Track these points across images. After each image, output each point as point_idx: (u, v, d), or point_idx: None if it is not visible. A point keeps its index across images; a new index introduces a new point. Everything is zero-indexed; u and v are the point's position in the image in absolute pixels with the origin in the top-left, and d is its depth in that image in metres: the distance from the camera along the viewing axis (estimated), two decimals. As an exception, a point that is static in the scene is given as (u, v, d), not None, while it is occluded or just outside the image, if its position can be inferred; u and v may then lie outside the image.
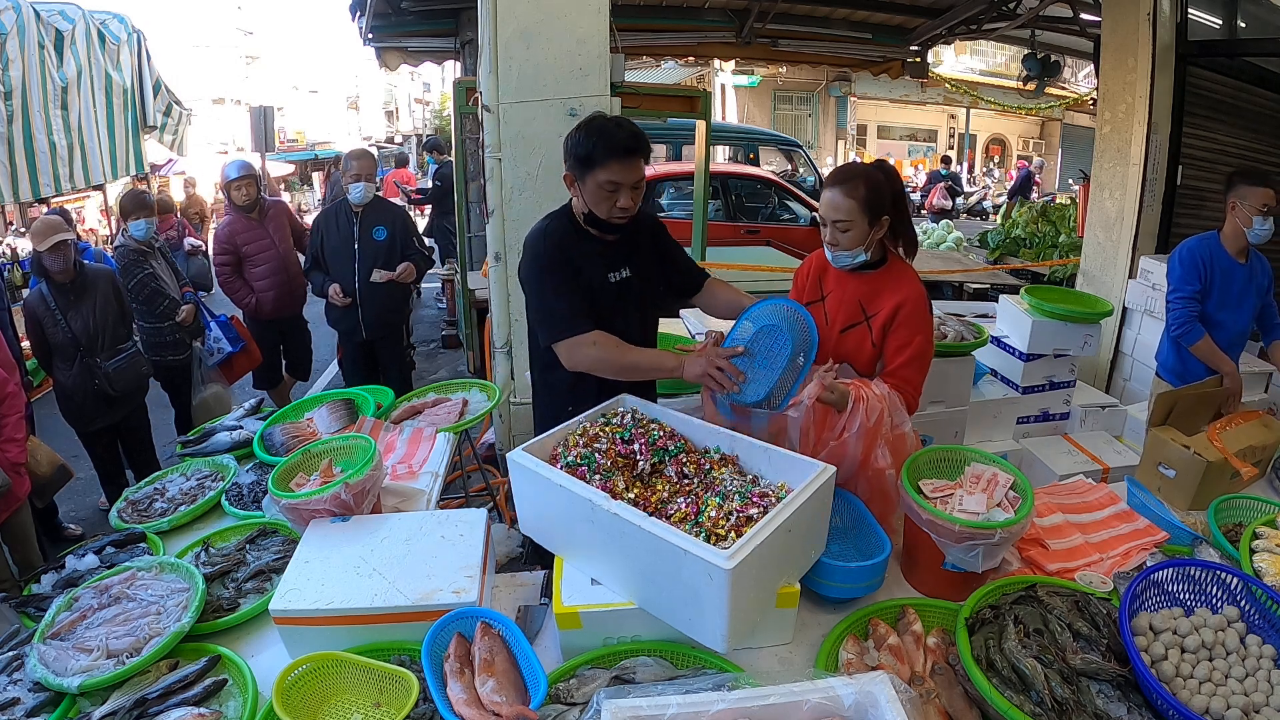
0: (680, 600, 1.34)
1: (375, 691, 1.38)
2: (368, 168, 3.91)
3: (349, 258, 3.85)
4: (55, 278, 3.29)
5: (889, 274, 1.93)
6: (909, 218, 1.97)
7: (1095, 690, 1.26)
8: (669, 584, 1.34)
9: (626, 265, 2.02)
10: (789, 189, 8.14)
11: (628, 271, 2.02)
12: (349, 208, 3.88)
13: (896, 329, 1.88)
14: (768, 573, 1.38)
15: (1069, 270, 6.27)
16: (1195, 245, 2.84)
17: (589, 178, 1.85)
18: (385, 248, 3.87)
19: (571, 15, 2.96)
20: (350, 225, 3.86)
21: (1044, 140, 23.07)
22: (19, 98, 4.32)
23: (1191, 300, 2.79)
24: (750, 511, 1.41)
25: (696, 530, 1.41)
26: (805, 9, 6.75)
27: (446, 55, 9.04)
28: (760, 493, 1.49)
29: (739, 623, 1.30)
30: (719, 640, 1.31)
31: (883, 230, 1.88)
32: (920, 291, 1.89)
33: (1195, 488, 2.09)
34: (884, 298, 1.90)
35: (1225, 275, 2.79)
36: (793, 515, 1.38)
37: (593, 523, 1.43)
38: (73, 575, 1.83)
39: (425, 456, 2.36)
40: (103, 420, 3.49)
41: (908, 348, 1.87)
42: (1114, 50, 4.28)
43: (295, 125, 25.07)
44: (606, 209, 1.88)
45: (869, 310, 1.93)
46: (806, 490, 1.44)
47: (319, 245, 3.92)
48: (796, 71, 19.83)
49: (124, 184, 7.79)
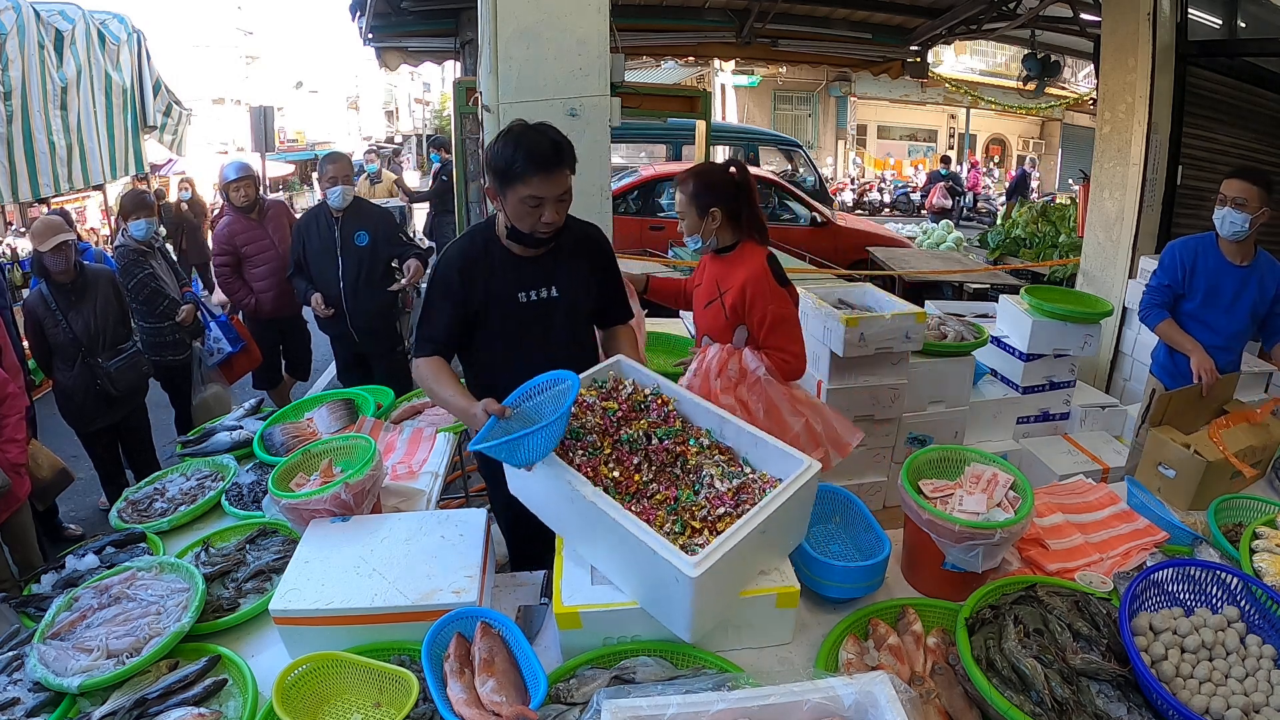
0: (650, 587, 1.38)
1: (375, 691, 1.38)
2: (343, 170, 3.78)
3: (332, 265, 3.75)
4: (56, 278, 3.29)
5: (738, 257, 2.21)
6: (756, 209, 2.23)
7: (1095, 690, 1.26)
8: (640, 572, 1.38)
9: (551, 283, 1.91)
10: (789, 189, 8.15)
11: (551, 290, 1.91)
12: (329, 212, 3.76)
13: (750, 307, 2.14)
14: (737, 572, 1.40)
15: (1069, 270, 6.27)
16: (1183, 243, 2.83)
17: (510, 192, 1.74)
18: (368, 253, 3.77)
19: (571, 15, 2.96)
20: (331, 230, 3.75)
21: (1044, 140, 23.06)
22: (19, 98, 4.32)
23: (1159, 290, 2.81)
24: (720, 510, 1.42)
25: (673, 518, 1.42)
26: (805, 9, 6.75)
27: (446, 55, 9.04)
28: (742, 484, 1.48)
29: (704, 616, 1.36)
30: (684, 631, 1.36)
31: (716, 221, 2.17)
32: (762, 269, 2.14)
33: (1195, 488, 2.09)
34: (733, 277, 2.17)
35: (1212, 276, 2.73)
36: (769, 518, 1.37)
37: (572, 503, 1.45)
38: (73, 575, 1.83)
39: (425, 456, 2.36)
40: (103, 420, 3.49)
41: (765, 319, 2.14)
42: (1114, 50, 4.28)
43: (295, 125, 25.09)
44: (530, 224, 1.77)
45: (722, 288, 2.21)
46: (787, 490, 1.43)
47: (301, 251, 3.83)
48: (796, 71, 19.82)
49: (124, 184, 7.80)
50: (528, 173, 1.70)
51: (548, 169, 1.72)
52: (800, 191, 8.25)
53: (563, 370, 1.57)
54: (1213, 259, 2.74)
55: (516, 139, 1.72)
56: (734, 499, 1.45)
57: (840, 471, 2.92)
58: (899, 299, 3.04)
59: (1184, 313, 2.79)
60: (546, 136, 1.73)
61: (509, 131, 1.75)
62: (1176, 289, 2.78)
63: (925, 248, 8.81)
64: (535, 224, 1.78)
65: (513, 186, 1.73)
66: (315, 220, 3.83)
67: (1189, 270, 2.75)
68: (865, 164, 21.44)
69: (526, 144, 1.71)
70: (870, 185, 17.99)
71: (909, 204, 16.86)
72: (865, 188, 17.81)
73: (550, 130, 1.76)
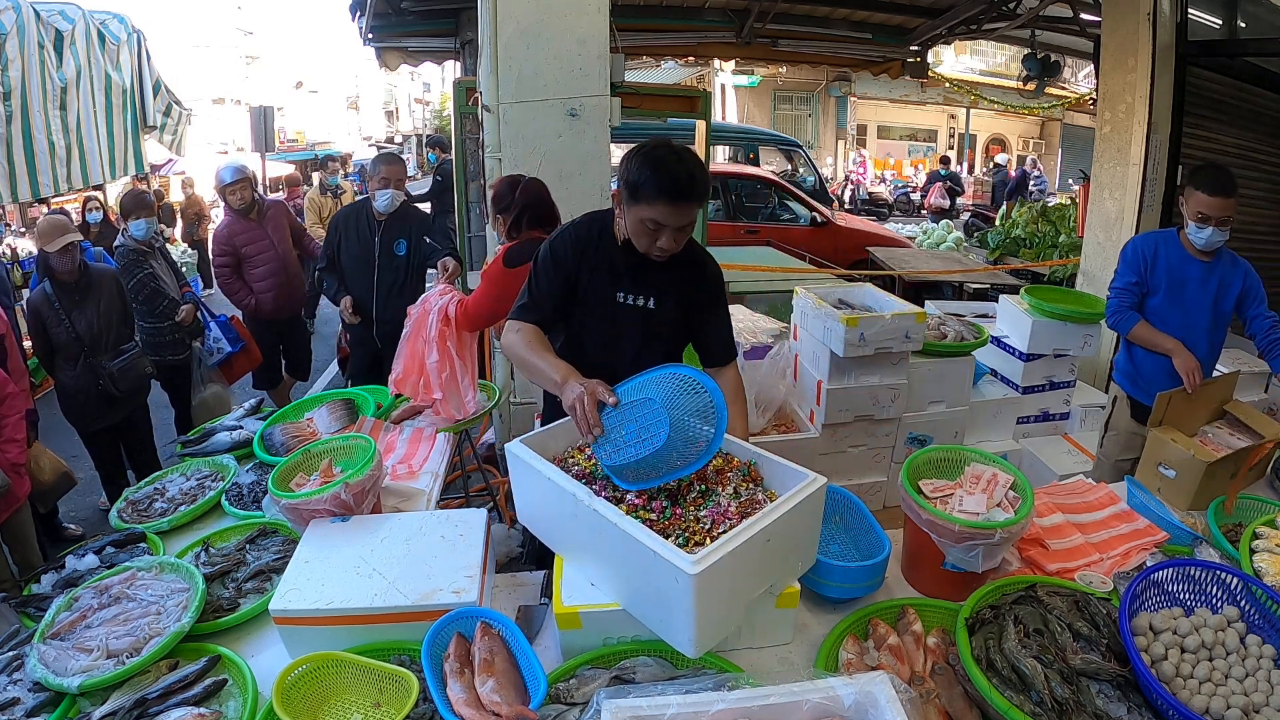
0: (652, 601, 1.34)
1: (375, 691, 1.38)
2: (397, 174, 3.64)
3: (368, 272, 3.67)
4: (60, 277, 3.29)
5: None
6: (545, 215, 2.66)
7: (1095, 690, 1.26)
8: (642, 584, 1.34)
9: (651, 295, 1.87)
10: (789, 189, 8.15)
11: (649, 302, 1.87)
12: (371, 214, 3.65)
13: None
14: (741, 581, 1.34)
15: (1069, 270, 6.27)
16: (1144, 238, 2.75)
17: (633, 208, 1.70)
18: (404, 263, 3.68)
19: (571, 15, 2.97)
20: (371, 235, 3.65)
21: (1044, 140, 23.06)
22: (18, 98, 4.30)
23: (1125, 291, 2.69)
24: (725, 526, 1.37)
25: (679, 532, 1.38)
26: (805, 9, 6.76)
27: (446, 55, 9.04)
28: (748, 500, 1.45)
29: (707, 628, 1.29)
30: (687, 644, 1.29)
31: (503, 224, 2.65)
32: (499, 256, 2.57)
33: (1195, 488, 2.09)
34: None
35: (1174, 271, 2.63)
36: (773, 524, 1.34)
37: (576, 518, 1.43)
38: (73, 575, 1.83)
39: (425, 456, 2.36)
40: (104, 420, 3.49)
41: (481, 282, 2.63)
42: (1114, 50, 4.28)
43: (295, 125, 25.12)
44: (645, 244, 1.74)
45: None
46: (790, 500, 1.40)
47: (336, 246, 3.74)
48: (796, 71, 19.82)
49: (124, 184, 7.79)
50: (655, 198, 1.65)
51: (675, 200, 1.66)
52: (800, 191, 8.25)
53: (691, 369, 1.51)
54: (1174, 253, 2.65)
55: (656, 162, 1.65)
56: (740, 515, 1.40)
57: (840, 471, 2.93)
58: (899, 299, 3.03)
59: (1149, 309, 2.69)
60: (685, 166, 1.66)
61: (648, 150, 1.68)
62: (1143, 286, 2.67)
63: (925, 248, 8.81)
64: (650, 246, 1.74)
65: (636, 204, 1.69)
66: (356, 219, 3.71)
67: (1149, 264, 2.66)
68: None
69: (662, 169, 1.64)
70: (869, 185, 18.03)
71: (909, 204, 16.88)
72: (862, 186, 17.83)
73: (691, 160, 1.69)
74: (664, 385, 1.50)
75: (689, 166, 1.67)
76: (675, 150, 1.69)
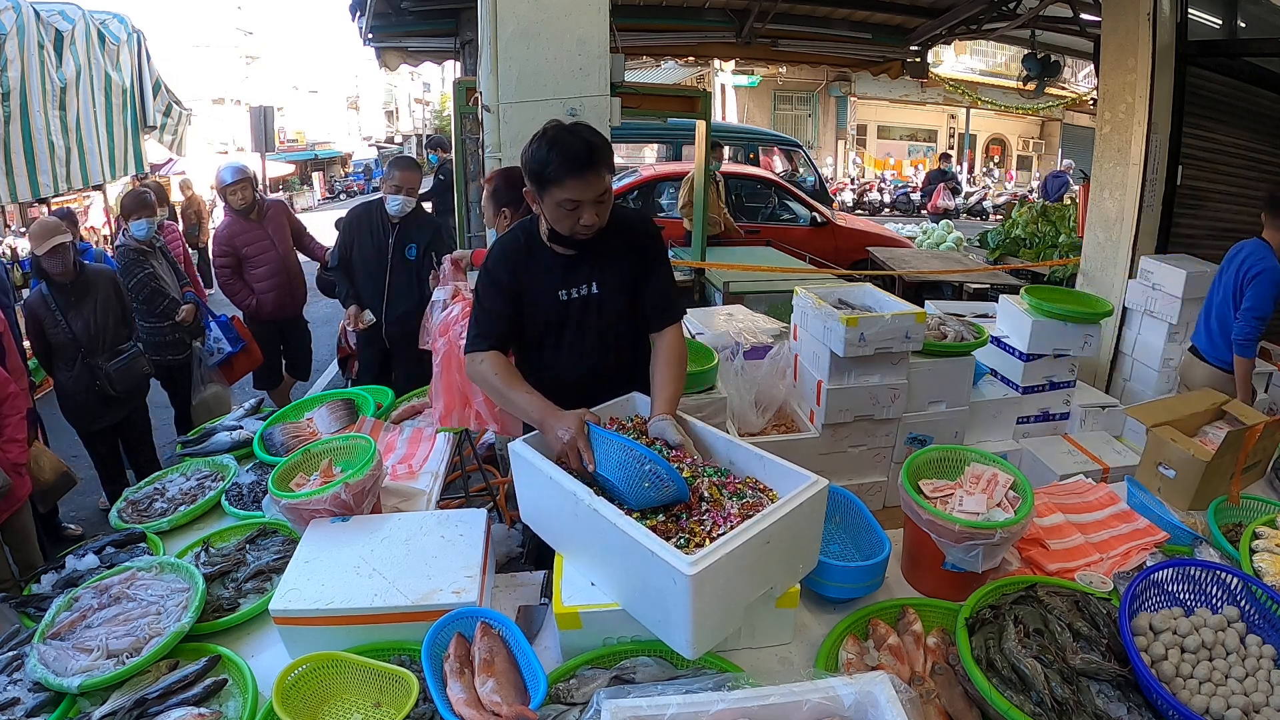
0: (650, 602, 1.34)
1: (375, 691, 1.38)
2: (410, 181, 3.62)
3: (379, 275, 3.65)
4: (55, 279, 3.29)
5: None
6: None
7: (1095, 690, 1.26)
8: (641, 584, 1.34)
9: (592, 280, 1.87)
10: (789, 189, 8.15)
11: (592, 287, 1.87)
12: (385, 217, 3.62)
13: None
14: (740, 582, 1.34)
15: (1069, 270, 6.26)
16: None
17: (546, 195, 1.71)
18: (415, 267, 3.66)
19: (571, 15, 2.97)
20: (385, 238, 3.62)
21: (1044, 140, 23.07)
22: (18, 98, 4.31)
23: (1265, 323, 2.95)
24: (725, 528, 1.36)
25: (679, 534, 1.37)
26: (805, 9, 6.76)
27: (446, 55, 9.05)
28: (748, 503, 1.45)
29: (704, 629, 1.28)
30: (684, 645, 1.29)
31: (506, 220, 2.51)
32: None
33: (1195, 488, 2.08)
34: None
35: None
36: (772, 526, 1.33)
37: (576, 517, 1.44)
38: (73, 575, 1.83)
39: (425, 456, 2.36)
40: (104, 420, 3.49)
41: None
42: (1114, 50, 4.28)
43: (295, 125, 25.12)
44: (568, 226, 1.74)
45: None
46: (790, 503, 1.39)
47: (348, 247, 3.72)
48: (796, 71, 19.83)
49: (124, 184, 7.79)
50: (563, 176, 1.66)
51: (582, 171, 1.66)
52: (800, 191, 8.25)
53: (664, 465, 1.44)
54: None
55: (551, 141, 1.67)
56: (741, 518, 1.40)
57: (840, 471, 2.93)
58: (899, 299, 3.03)
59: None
60: (580, 137, 1.68)
61: (543, 133, 1.70)
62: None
63: (925, 248, 8.81)
64: (574, 226, 1.74)
65: (549, 190, 1.70)
66: (369, 221, 3.69)
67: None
68: (865, 164, 21.46)
69: (560, 146, 1.66)
70: (870, 185, 18.03)
71: (909, 204, 16.88)
72: (865, 188, 17.85)
73: (584, 130, 1.71)
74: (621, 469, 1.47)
75: (585, 136, 1.69)
76: (567, 127, 1.71)
